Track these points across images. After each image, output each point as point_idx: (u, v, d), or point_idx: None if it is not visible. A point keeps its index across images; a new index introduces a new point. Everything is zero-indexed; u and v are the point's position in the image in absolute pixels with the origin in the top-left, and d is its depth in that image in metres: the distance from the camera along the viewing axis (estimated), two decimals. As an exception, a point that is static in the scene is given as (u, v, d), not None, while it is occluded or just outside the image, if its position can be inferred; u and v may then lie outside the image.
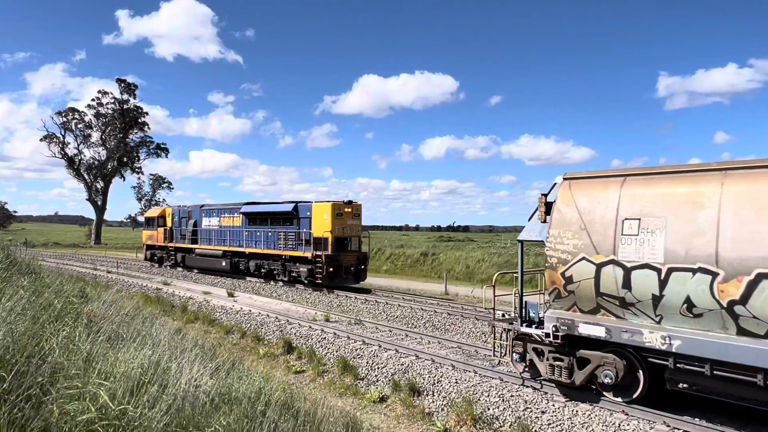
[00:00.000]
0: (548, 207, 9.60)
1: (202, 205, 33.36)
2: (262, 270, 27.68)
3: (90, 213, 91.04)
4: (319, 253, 23.64)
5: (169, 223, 35.73)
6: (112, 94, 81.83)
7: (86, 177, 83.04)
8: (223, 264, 29.92)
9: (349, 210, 24.64)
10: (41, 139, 79.81)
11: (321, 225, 23.97)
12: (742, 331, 7.27)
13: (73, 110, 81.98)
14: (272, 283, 26.98)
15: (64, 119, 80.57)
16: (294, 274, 25.51)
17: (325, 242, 23.59)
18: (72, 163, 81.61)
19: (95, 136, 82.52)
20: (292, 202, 26.35)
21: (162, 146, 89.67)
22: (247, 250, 28.36)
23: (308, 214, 24.88)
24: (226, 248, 30.01)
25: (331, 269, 23.26)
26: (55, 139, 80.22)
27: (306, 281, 24.66)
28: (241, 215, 29.23)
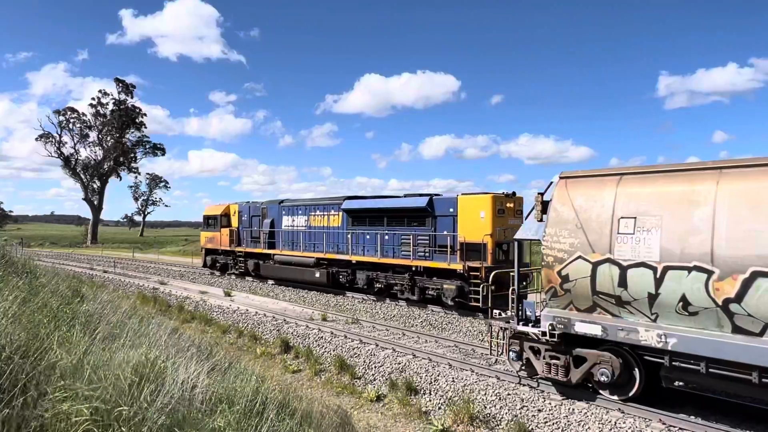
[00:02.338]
0: (545, 206, 9.62)
1: (282, 201, 27.03)
2: (376, 285, 21.04)
3: (87, 213, 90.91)
4: (474, 264, 17.16)
5: (234, 223, 29.51)
6: (111, 94, 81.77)
7: (82, 176, 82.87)
8: (317, 275, 23.31)
9: (511, 205, 17.94)
10: (37, 139, 79.65)
11: (474, 226, 17.58)
12: (737, 329, 7.30)
13: (70, 109, 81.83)
14: (388, 301, 20.78)
15: (61, 118, 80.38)
16: (432, 293, 18.88)
17: (483, 249, 17.24)
18: (68, 162, 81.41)
19: (92, 135, 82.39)
20: (424, 195, 19.75)
21: (158, 146, 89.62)
22: (354, 258, 21.60)
23: (451, 211, 18.37)
24: (320, 255, 23.36)
25: (493, 287, 13.29)
26: (51, 139, 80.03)
27: (451, 302, 18.05)
28: (341, 213, 22.86)
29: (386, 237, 20.63)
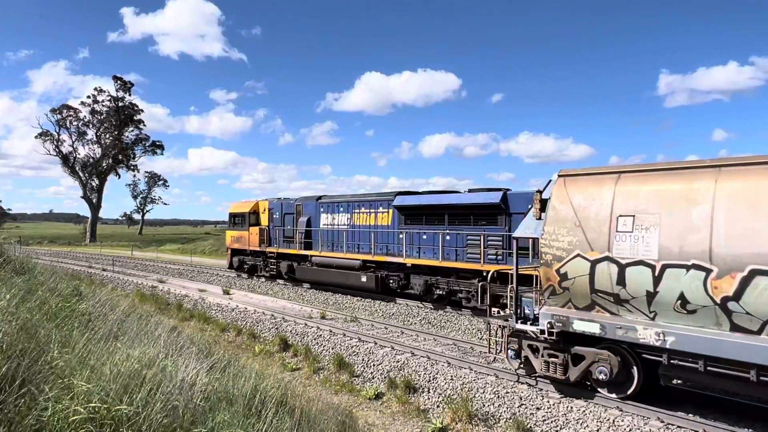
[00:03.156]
0: (543, 204, 9.63)
1: (320, 197, 24.37)
2: (436, 291, 18.72)
3: (85, 211, 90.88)
4: None
5: (264, 221, 27.05)
6: (108, 91, 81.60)
7: (81, 175, 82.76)
8: (364, 280, 20.79)
9: None
10: (36, 137, 79.54)
11: None
12: (735, 327, 7.31)
13: (68, 107, 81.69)
14: (448, 309, 18.38)
15: (59, 116, 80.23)
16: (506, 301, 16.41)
17: None
18: (67, 160, 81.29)
19: (90, 133, 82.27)
20: (495, 190, 17.50)
21: (157, 143, 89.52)
22: (408, 261, 19.30)
23: (530, 207, 16.26)
24: (367, 257, 21.00)
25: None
26: (49, 137, 79.91)
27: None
28: (391, 210, 20.37)
29: (448, 237, 18.05)
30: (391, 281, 20.20)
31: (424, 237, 18.99)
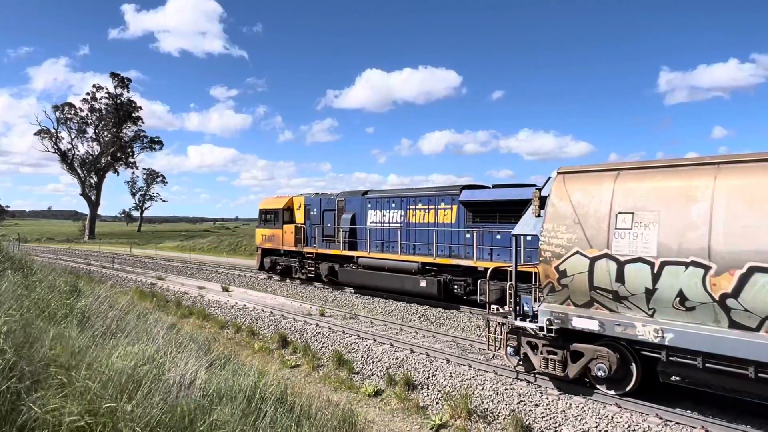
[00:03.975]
0: (542, 201, 9.62)
1: (366, 192, 22.09)
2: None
3: (84, 208, 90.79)
4: None
5: (299, 218, 24.85)
6: (106, 88, 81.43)
7: (80, 172, 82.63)
8: (423, 284, 18.56)
9: None
10: (35, 134, 79.41)
11: None
12: (734, 324, 7.32)
13: (68, 105, 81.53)
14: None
15: (58, 114, 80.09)
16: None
17: None
18: (65, 157, 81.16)
19: (89, 130, 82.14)
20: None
21: (156, 140, 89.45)
22: (479, 265, 16.86)
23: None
24: (428, 259, 18.67)
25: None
26: (48, 134, 79.76)
27: None
28: (456, 206, 18.28)
29: (529, 238, 15.08)
30: (456, 287, 17.94)
31: (498, 237, 16.79)
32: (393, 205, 20.60)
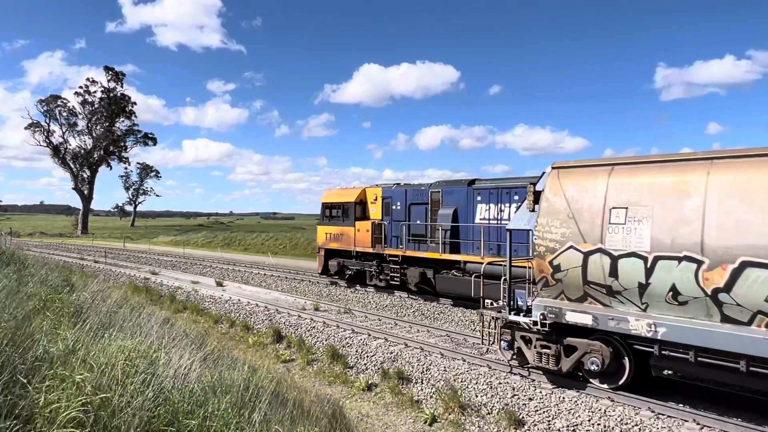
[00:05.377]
0: (537, 196, 9.64)
1: (473, 181, 17.95)
2: None
3: (77, 202, 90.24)
4: None
5: (374, 214, 21.01)
6: (100, 82, 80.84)
7: (72, 166, 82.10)
8: None
9: None
10: (26, 128, 78.77)
11: None
12: (725, 319, 7.38)
13: (58, 98, 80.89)
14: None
15: (49, 107, 79.42)
16: None
17: None
18: (57, 151, 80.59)
19: (81, 124, 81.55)
20: None
21: (149, 135, 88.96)
22: None
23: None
24: None
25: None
26: (39, 128, 79.13)
27: None
28: None
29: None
30: None
31: None
32: (516, 197, 15.99)
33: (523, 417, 8.77)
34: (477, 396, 9.59)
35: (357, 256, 21.58)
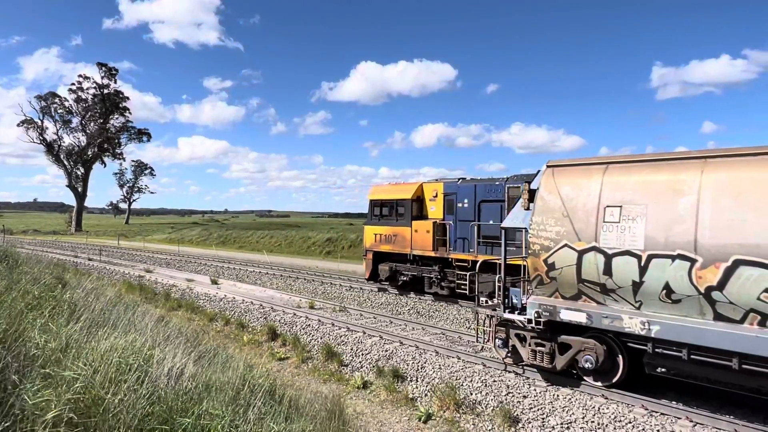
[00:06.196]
0: (532, 194, 9.66)
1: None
2: None
3: (71, 200, 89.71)
4: None
5: (434, 213, 18.74)
6: (93, 79, 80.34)
7: (66, 163, 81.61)
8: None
9: None
10: (19, 124, 78.22)
11: None
12: (718, 317, 7.42)
13: (53, 95, 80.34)
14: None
15: (43, 104, 78.90)
16: None
17: None
18: (51, 148, 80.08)
19: (75, 121, 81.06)
20: None
21: (143, 131, 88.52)
22: None
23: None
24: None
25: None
26: (33, 124, 78.60)
27: None
28: None
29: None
30: None
31: None
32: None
33: (517, 414, 8.80)
34: (472, 394, 9.62)
35: (416, 261, 18.96)
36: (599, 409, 8.54)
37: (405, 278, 19.49)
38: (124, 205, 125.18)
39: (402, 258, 19.53)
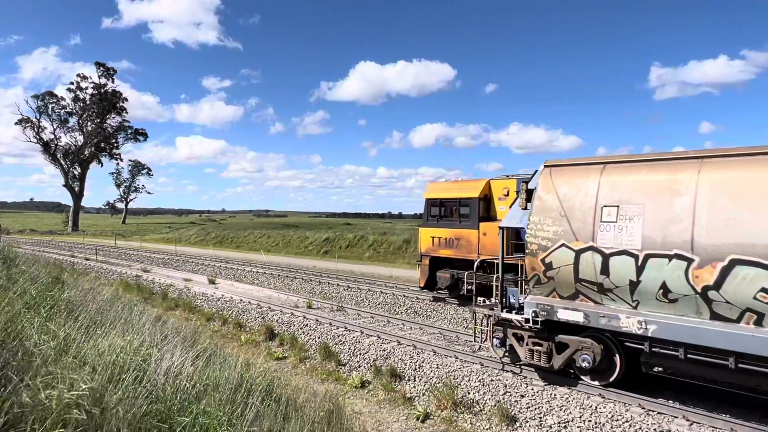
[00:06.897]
0: (529, 194, 9.68)
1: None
2: None
3: (68, 200, 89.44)
4: None
5: (503, 213, 15.73)
6: (90, 78, 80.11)
7: (63, 162, 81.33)
8: None
9: None
10: (16, 123, 77.94)
11: None
12: (715, 316, 7.45)
13: (50, 94, 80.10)
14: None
15: (40, 103, 78.65)
16: None
17: None
18: (48, 148, 79.82)
19: (72, 120, 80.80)
20: None
21: (140, 131, 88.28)
22: None
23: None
24: None
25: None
26: (29, 123, 78.33)
27: None
28: None
29: None
30: None
31: None
32: None
33: (515, 413, 8.82)
34: (469, 393, 9.63)
35: (485, 268, 16.03)
36: (596, 408, 8.57)
37: (468, 286, 15.72)
38: (121, 205, 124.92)
39: (467, 264, 16.57)
